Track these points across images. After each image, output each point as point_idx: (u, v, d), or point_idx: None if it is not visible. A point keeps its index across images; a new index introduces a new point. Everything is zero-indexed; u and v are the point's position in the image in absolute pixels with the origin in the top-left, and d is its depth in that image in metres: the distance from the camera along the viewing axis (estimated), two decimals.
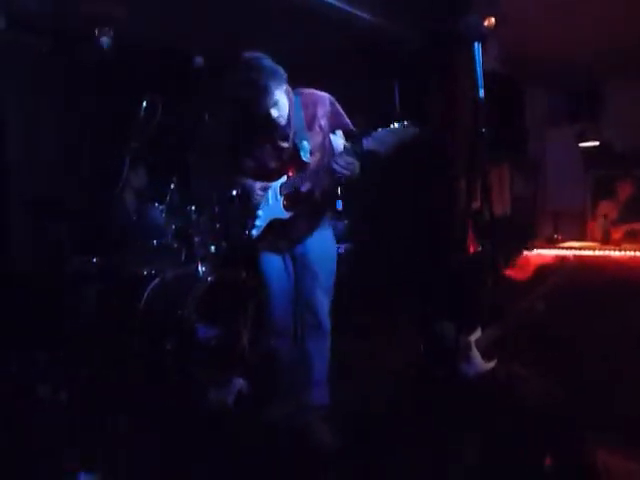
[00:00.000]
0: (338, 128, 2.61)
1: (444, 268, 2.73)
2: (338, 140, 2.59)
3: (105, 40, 4.26)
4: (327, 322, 2.69)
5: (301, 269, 2.70)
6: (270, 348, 2.83)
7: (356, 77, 4.95)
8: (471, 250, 2.83)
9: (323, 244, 2.70)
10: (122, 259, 3.66)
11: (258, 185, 2.66)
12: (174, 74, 4.64)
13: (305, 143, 2.50)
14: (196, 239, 3.70)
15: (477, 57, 1.71)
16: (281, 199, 2.58)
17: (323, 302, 2.67)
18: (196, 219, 3.73)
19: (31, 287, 3.72)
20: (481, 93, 1.72)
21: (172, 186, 3.83)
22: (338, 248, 5.08)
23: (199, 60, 4.85)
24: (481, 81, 1.72)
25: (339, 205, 2.85)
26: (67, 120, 4.34)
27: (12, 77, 4.15)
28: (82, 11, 4.16)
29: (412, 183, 4.58)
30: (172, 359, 3.25)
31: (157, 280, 3.54)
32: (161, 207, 3.74)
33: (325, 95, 2.61)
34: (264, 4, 4.08)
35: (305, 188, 2.54)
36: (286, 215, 2.58)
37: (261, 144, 2.63)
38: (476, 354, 2.45)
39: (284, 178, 2.58)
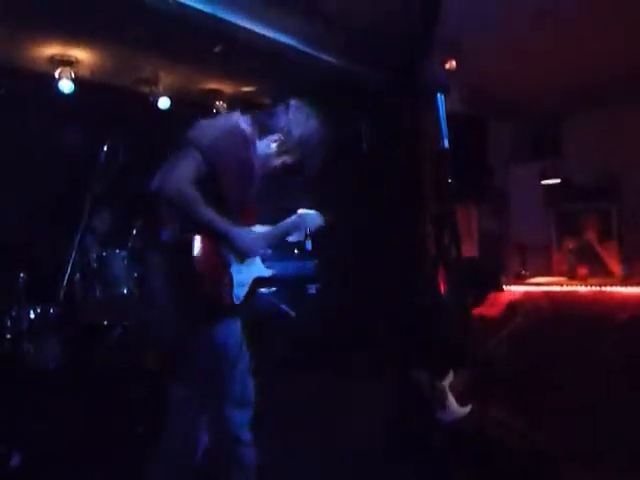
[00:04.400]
0: None
1: (414, 311, 2.68)
2: None
3: (66, 83, 4.19)
4: None
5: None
6: None
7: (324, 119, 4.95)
8: (442, 291, 2.80)
9: None
10: (82, 308, 3.52)
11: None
12: (138, 115, 4.58)
13: None
14: None
15: (440, 108, 1.69)
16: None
17: None
18: None
19: None
20: (446, 143, 1.70)
21: (134, 231, 3.73)
22: (309, 289, 4.98)
23: (165, 101, 4.80)
24: (445, 131, 1.70)
25: (308, 246, 2.76)
26: (27, 163, 4.21)
27: None
28: (43, 53, 4.10)
29: (382, 225, 4.55)
30: (135, 410, 3.10)
31: (118, 330, 3.42)
32: (123, 253, 3.63)
33: None
34: (229, 47, 4.08)
35: None
36: (269, 272, 2.13)
37: None
38: (452, 400, 2.39)
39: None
